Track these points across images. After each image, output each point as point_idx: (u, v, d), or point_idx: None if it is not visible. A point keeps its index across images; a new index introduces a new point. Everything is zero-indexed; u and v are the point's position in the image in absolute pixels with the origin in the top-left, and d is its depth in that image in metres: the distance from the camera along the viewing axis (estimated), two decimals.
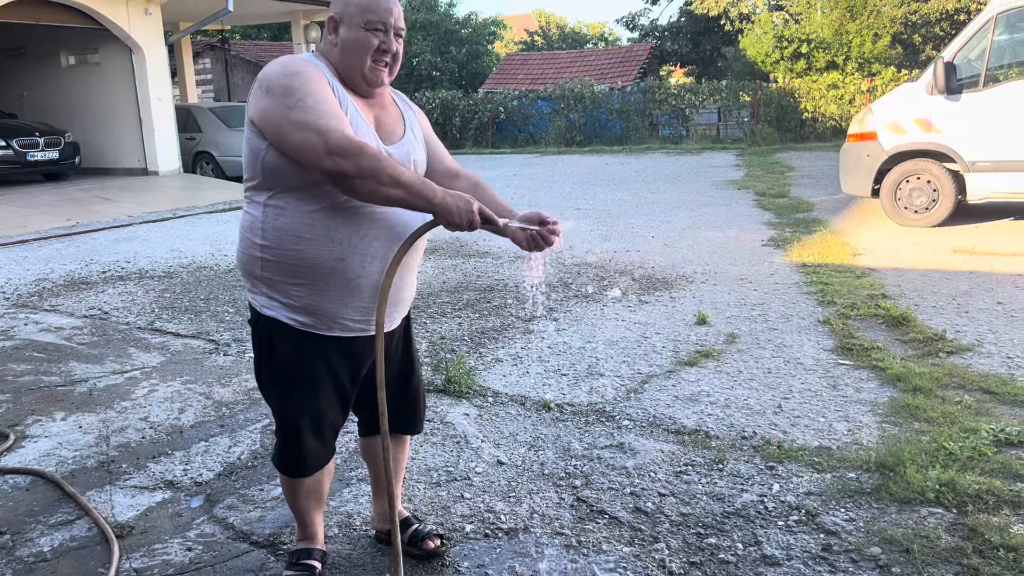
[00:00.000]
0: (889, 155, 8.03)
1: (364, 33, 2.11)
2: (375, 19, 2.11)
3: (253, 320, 2.28)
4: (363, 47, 2.12)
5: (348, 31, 2.13)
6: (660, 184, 12.62)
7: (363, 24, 2.11)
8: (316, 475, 2.39)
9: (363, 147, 1.93)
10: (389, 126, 2.21)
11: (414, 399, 2.54)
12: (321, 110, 1.96)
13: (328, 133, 1.92)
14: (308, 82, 2.01)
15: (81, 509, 2.97)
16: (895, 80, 17.82)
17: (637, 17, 32.43)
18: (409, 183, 1.95)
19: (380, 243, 2.13)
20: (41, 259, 8.11)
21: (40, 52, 15.75)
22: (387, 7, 2.13)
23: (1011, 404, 3.63)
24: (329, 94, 2.04)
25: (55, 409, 4.03)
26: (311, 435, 2.29)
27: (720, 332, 4.92)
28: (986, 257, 6.62)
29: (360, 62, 2.13)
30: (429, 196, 1.97)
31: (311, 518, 2.49)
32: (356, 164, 1.91)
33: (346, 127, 1.97)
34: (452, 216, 1.98)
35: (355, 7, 2.13)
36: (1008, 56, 7.88)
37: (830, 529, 2.67)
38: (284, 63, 2.08)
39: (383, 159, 1.94)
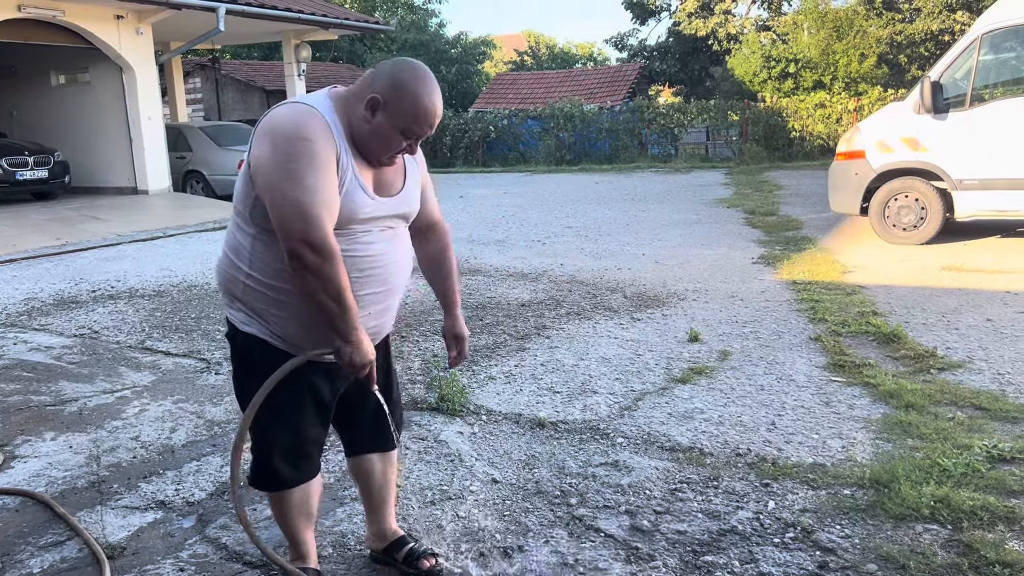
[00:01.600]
0: (877, 173, 8.09)
1: (399, 135, 2.08)
2: (416, 130, 2.09)
3: (231, 335, 2.28)
4: (393, 144, 2.10)
5: (386, 123, 2.06)
6: (650, 202, 12.68)
7: (402, 129, 2.07)
8: (303, 491, 2.37)
9: (335, 255, 1.97)
10: (388, 179, 2.20)
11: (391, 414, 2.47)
12: (317, 195, 1.95)
13: (313, 225, 1.93)
14: (314, 156, 1.97)
15: (72, 530, 2.94)
16: (882, 100, 17.98)
17: (626, 37, 32.67)
18: (347, 307, 2.01)
19: (367, 290, 2.16)
20: (30, 278, 8.06)
21: (30, 71, 15.72)
22: (432, 123, 2.10)
23: (1003, 420, 3.64)
24: (331, 169, 2.00)
25: (45, 429, 3.99)
26: (291, 450, 2.29)
27: (712, 349, 4.93)
28: (974, 274, 6.67)
29: (382, 152, 2.11)
30: (352, 328, 2.04)
31: (302, 536, 2.48)
32: (319, 265, 1.95)
33: (330, 222, 1.97)
34: (355, 357, 2.07)
35: (404, 111, 2.06)
36: (993, 76, 7.98)
37: (826, 546, 2.67)
38: (297, 119, 2.02)
39: (340, 274, 1.97)
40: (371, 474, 2.55)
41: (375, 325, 2.24)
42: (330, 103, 2.10)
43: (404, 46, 29.22)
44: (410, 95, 2.04)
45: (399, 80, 2.05)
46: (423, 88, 2.06)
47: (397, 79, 2.06)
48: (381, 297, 2.22)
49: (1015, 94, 7.75)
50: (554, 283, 6.99)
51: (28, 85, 16.02)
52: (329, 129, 2.03)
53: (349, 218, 2.07)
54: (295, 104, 2.08)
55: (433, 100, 2.08)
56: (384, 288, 2.21)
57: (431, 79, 2.10)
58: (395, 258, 2.22)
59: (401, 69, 2.08)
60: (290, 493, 2.36)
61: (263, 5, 15.21)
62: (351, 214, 2.07)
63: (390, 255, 2.20)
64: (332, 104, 2.10)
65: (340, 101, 2.11)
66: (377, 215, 2.15)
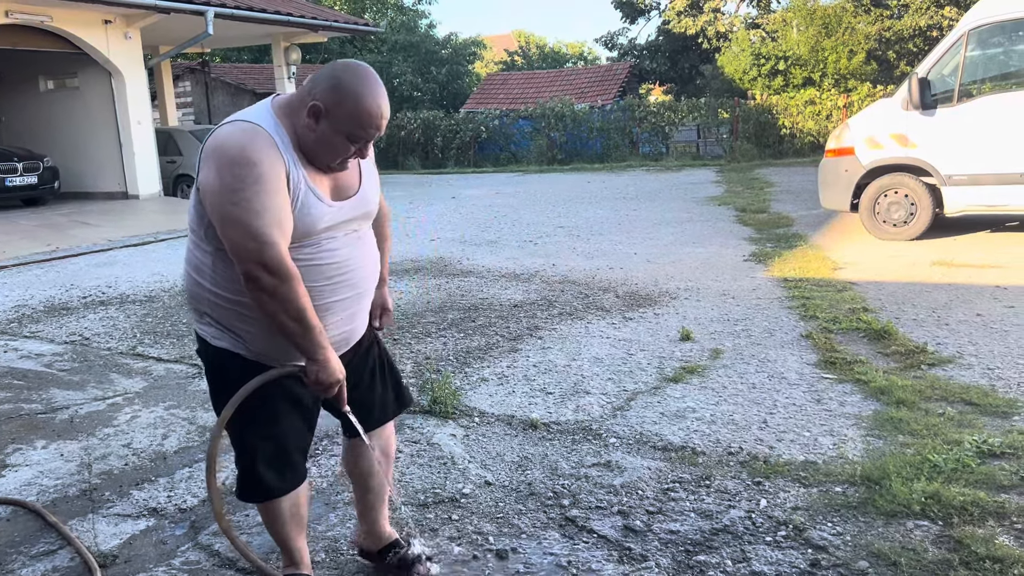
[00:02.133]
0: (867, 170, 8.12)
1: (345, 141, 2.02)
2: (361, 134, 2.02)
3: (202, 350, 2.25)
4: (340, 150, 2.04)
5: (330, 130, 2.01)
6: (641, 201, 12.70)
7: (347, 134, 2.01)
8: (292, 499, 2.35)
9: (291, 275, 1.95)
10: (346, 182, 2.16)
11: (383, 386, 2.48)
12: (266, 217, 1.92)
13: (266, 246, 1.92)
14: (260, 178, 1.92)
15: (63, 539, 2.93)
16: (871, 96, 18.04)
17: (616, 36, 32.66)
18: (309, 326, 2.00)
19: (335, 296, 2.14)
20: (20, 285, 8.03)
21: (18, 77, 15.66)
22: (378, 124, 2.02)
23: (993, 415, 3.66)
24: (280, 188, 1.96)
25: (36, 437, 3.98)
26: (275, 460, 2.26)
27: (704, 348, 4.94)
28: (964, 269, 6.70)
29: (331, 159, 2.06)
30: (317, 347, 2.03)
31: (294, 544, 2.46)
32: (275, 286, 1.94)
33: (284, 242, 1.94)
34: (322, 376, 2.07)
35: (347, 116, 1.99)
36: (981, 71, 8.01)
37: (818, 544, 2.68)
38: (241, 139, 1.97)
39: (299, 295, 1.96)
40: (371, 473, 2.50)
41: (347, 330, 2.23)
42: (273, 115, 2.05)
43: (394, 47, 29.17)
44: (351, 99, 1.98)
45: (339, 84, 1.99)
46: (365, 90, 2.00)
47: (337, 83, 1.99)
48: (351, 302, 2.20)
49: (1002, 89, 7.79)
50: (546, 283, 6.99)
51: (16, 91, 15.96)
52: (274, 145, 1.99)
53: (309, 230, 2.05)
54: (238, 123, 2.02)
55: (378, 102, 2.01)
56: (353, 293, 2.19)
57: (373, 79, 2.03)
58: (362, 261, 2.20)
59: (341, 72, 2.01)
60: (278, 502, 2.34)
61: (252, 8, 15.18)
62: (311, 226, 2.05)
63: (356, 259, 2.18)
64: (276, 115, 2.05)
65: (284, 110, 2.06)
66: (338, 220, 2.12)
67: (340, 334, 2.20)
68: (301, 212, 2.02)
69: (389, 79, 27.91)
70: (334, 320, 2.15)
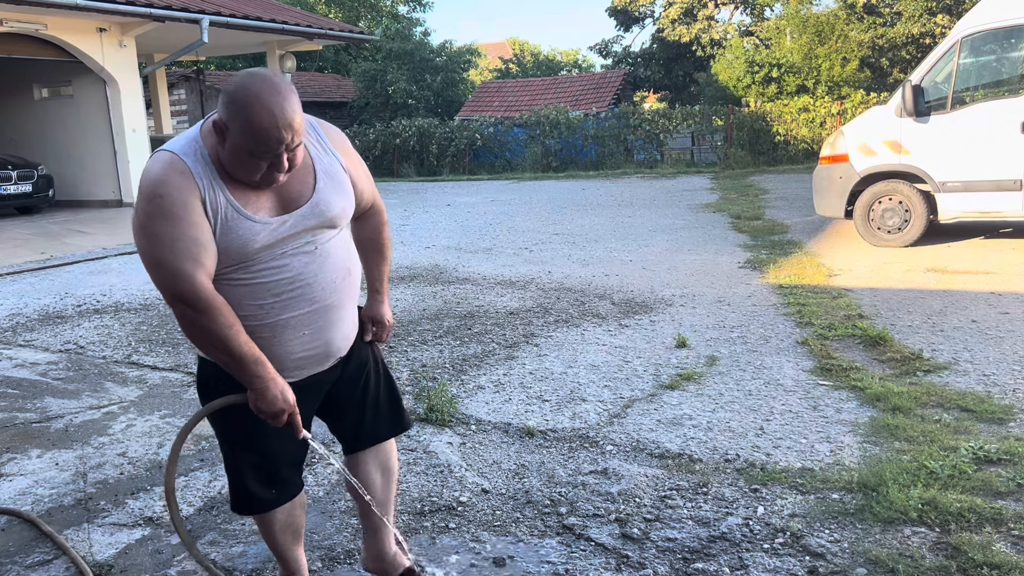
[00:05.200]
0: (861, 177, 8.15)
1: (250, 157, 1.89)
2: (263, 150, 1.87)
3: (198, 364, 2.24)
4: (251, 168, 1.92)
5: (234, 148, 1.90)
6: (636, 208, 12.71)
7: (248, 150, 1.88)
8: (286, 510, 2.33)
9: (210, 306, 1.90)
10: (291, 191, 2.03)
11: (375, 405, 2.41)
12: (176, 248, 1.88)
13: (178, 279, 1.89)
14: (167, 212, 1.88)
15: (59, 548, 2.91)
16: (865, 103, 18.10)
17: (610, 44, 32.79)
18: (237, 356, 1.95)
19: (290, 312, 2.06)
20: (14, 293, 8.00)
21: (13, 85, 15.65)
22: (277, 137, 1.85)
23: (989, 421, 3.67)
24: (192, 218, 1.89)
25: (30, 446, 3.96)
26: (264, 475, 2.24)
27: (700, 355, 4.94)
28: (959, 276, 6.72)
29: (248, 176, 1.94)
30: (251, 376, 1.98)
31: (290, 554, 2.44)
32: (194, 318, 1.92)
33: (199, 271, 1.89)
34: (261, 404, 2.02)
35: (240, 131, 1.86)
36: (974, 79, 8.05)
37: (816, 551, 2.68)
38: (150, 174, 1.92)
39: (221, 325, 1.92)
40: (370, 483, 2.44)
41: (318, 344, 2.14)
42: (198, 137, 1.98)
43: (389, 55, 29.17)
44: (242, 113, 1.84)
45: (232, 98, 1.87)
46: (254, 101, 1.84)
47: (231, 97, 1.87)
48: (313, 316, 2.09)
49: (995, 96, 7.83)
50: (542, 290, 6.99)
51: (11, 99, 15.94)
52: (188, 173, 1.91)
53: (243, 250, 1.96)
54: (157, 154, 1.97)
55: (270, 111, 1.84)
56: (313, 307, 2.08)
57: (268, 87, 1.86)
58: (319, 274, 2.08)
59: (235, 85, 1.89)
60: (272, 515, 2.31)
61: (247, 16, 15.19)
62: (243, 247, 1.96)
63: (311, 272, 2.06)
64: (201, 136, 1.98)
65: (207, 132, 1.97)
66: (281, 236, 2.01)
67: (310, 349, 2.13)
68: (226, 235, 1.94)
69: (384, 87, 27.93)
70: (297, 336, 2.08)
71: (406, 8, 35.64)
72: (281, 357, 2.09)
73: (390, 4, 35.31)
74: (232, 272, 1.99)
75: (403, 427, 2.51)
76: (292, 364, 2.12)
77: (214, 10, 14.51)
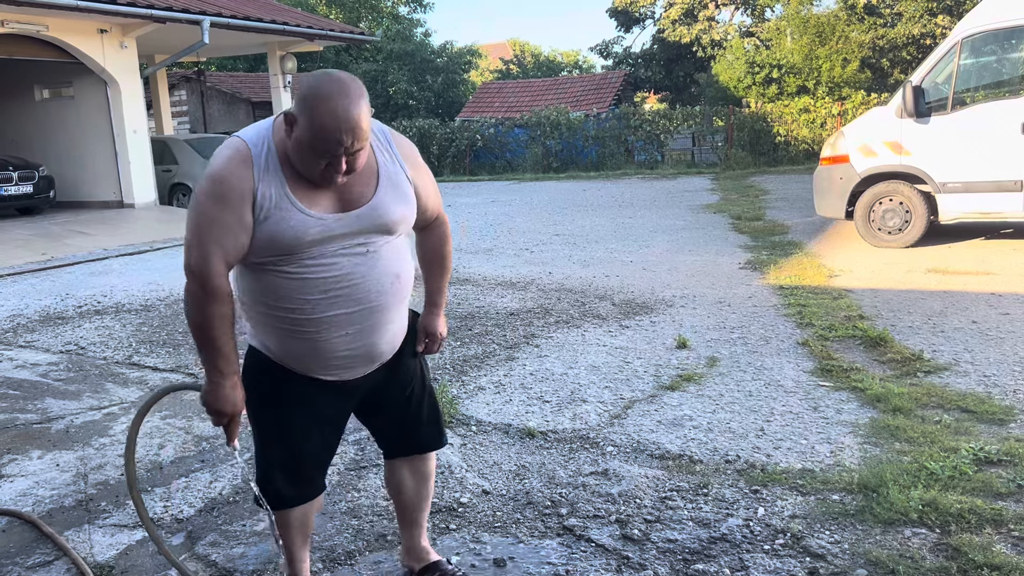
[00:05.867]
0: (862, 177, 8.15)
1: (312, 154, 1.94)
2: (323, 148, 1.92)
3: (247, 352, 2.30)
4: (312, 164, 1.97)
5: (297, 142, 1.96)
6: (637, 209, 12.72)
7: (310, 146, 1.93)
8: (304, 509, 2.36)
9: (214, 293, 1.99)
10: (352, 192, 2.06)
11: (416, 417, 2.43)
12: (209, 230, 1.98)
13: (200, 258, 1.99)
14: (216, 195, 1.98)
15: (59, 550, 2.91)
16: (865, 104, 18.10)
17: (610, 45, 32.82)
18: (208, 344, 2.04)
19: (335, 311, 2.09)
20: (15, 294, 8.01)
21: (14, 86, 15.64)
22: (337, 139, 1.90)
23: (989, 422, 3.67)
24: (236, 206, 1.96)
25: (31, 447, 3.96)
26: (289, 470, 2.28)
27: (701, 356, 4.94)
28: (959, 276, 6.72)
29: (308, 171, 1.99)
30: (212, 368, 2.07)
31: (298, 554, 2.46)
32: (193, 293, 2.02)
33: (218, 255, 1.98)
34: (208, 399, 2.10)
35: (306, 127, 1.92)
36: (974, 79, 8.06)
37: (816, 552, 2.68)
38: (217, 157, 2.02)
39: (210, 313, 2.01)
40: (402, 488, 2.52)
41: (362, 345, 2.16)
42: (271, 128, 2.05)
43: (389, 56, 29.23)
44: (310, 109, 1.91)
45: (305, 94, 1.93)
46: (324, 101, 1.90)
47: (303, 93, 1.94)
48: (359, 317, 2.11)
49: (996, 97, 7.84)
50: (542, 291, 7.00)
51: (12, 100, 15.94)
52: (248, 163, 1.98)
53: (294, 242, 2.00)
54: (231, 139, 2.06)
55: (335, 114, 1.89)
56: (358, 308, 2.10)
57: (338, 89, 1.92)
58: (368, 276, 2.10)
59: (310, 81, 1.95)
60: (289, 512, 2.34)
61: (248, 17, 15.20)
62: (294, 238, 2.00)
63: (360, 274, 2.09)
64: (274, 128, 2.04)
65: (280, 124, 2.04)
66: (334, 233, 2.03)
67: (353, 349, 2.15)
68: (276, 224, 1.98)
69: (384, 88, 27.96)
70: (340, 335, 2.11)
71: (407, 9, 35.67)
72: (324, 354, 2.13)
73: (391, 5, 35.33)
74: (283, 263, 2.04)
75: (440, 444, 2.55)
76: (335, 363, 2.16)
77: (215, 11, 14.51)
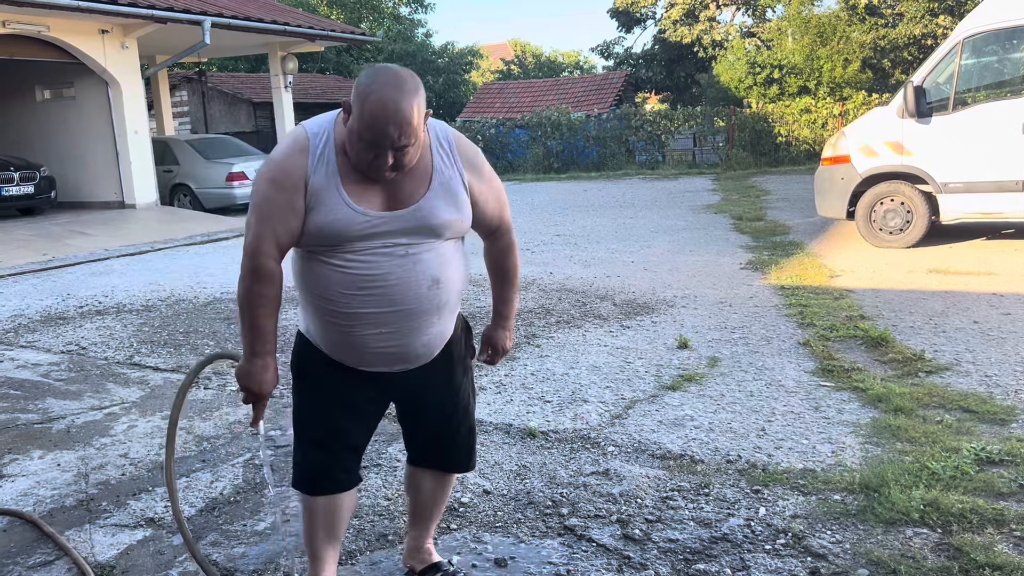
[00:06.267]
0: (863, 178, 8.14)
1: (360, 143, 1.96)
2: (370, 139, 1.94)
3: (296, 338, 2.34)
4: (362, 155, 1.99)
5: (350, 131, 1.99)
6: (638, 209, 12.71)
7: (359, 134, 1.95)
8: (328, 503, 2.33)
9: (264, 274, 2.07)
10: (403, 191, 2.06)
11: (451, 438, 2.42)
12: (264, 211, 2.05)
13: (251, 234, 2.07)
14: (272, 180, 2.05)
15: (60, 549, 2.91)
16: (866, 104, 18.10)
17: (611, 45, 32.81)
18: (249, 323, 2.13)
19: (368, 308, 2.09)
20: (16, 295, 8.01)
21: (15, 87, 15.64)
22: (384, 131, 1.91)
23: (991, 422, 3.66)
24: (288, 193, 2.02)
25: (32, 447, 3.96)
26: (318, 447, 2.28)
27: (702, 356, 4.94)
28: (961, 277, 6.71)
29: (359, 163, 2.01)
30: (248, 347, 2.15)
31: (319, 552, 2.41)
32: (247, 271, 2.09)
33: (269, 238, 2.04)
34: (239, 375, 2.18)
35: (357, 116, 1.94)
36: (975, 79, 8.05)
37: (817, 552, 2.67)
38: (283, 142, 2.11)
39: (257, 292, 2.09)
40: (420, 489, 2.53)
41: (396, 346, 2.14)
42: (332, 119, 2.09)
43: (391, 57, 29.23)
44: (361, 102, 1.93)
45: (359, 85, 1.96)
46: (374, 94, 1.91)
47: (359, 84, 1.96)
48: (393, 318, 2.10)
49: (997, 97, 7.83)
50: (543, 291, 6.99)
51: (13, 101, 15.95)
52: (304, 150, 2.04)
53: (339, 235, 2.03)
54: (298, 127, 2.12)
55: (384, 106, 1.90)
56: (393, 308, 2.09)
57: (392, 81, 1.94)
58: (405, 278, 2.07)
59: (366, 75, 1.98)
60: (314, 501, 2.33)
61: (249, 18, 15.20)
62: (340, 231, 2.02)
63: (396, 275, 2.06)
64: (335, 120, 2.09)
65: (341, 116, 2.07)
66: (377, 230, 2.04)
67: (386, 348, 2.14)
68: (325, 216, 2.01)
69: None
70: (372, 332, 2.10)
71: (408, 9, 35.68)
72: (356, 347, 2.16)
73: (392, 5, 35.35)
74: (328, 254, 2.07)
75: (468, 468, 2.55)
76: (367, 358, 2.17)
77: (216, 11, 14.51)
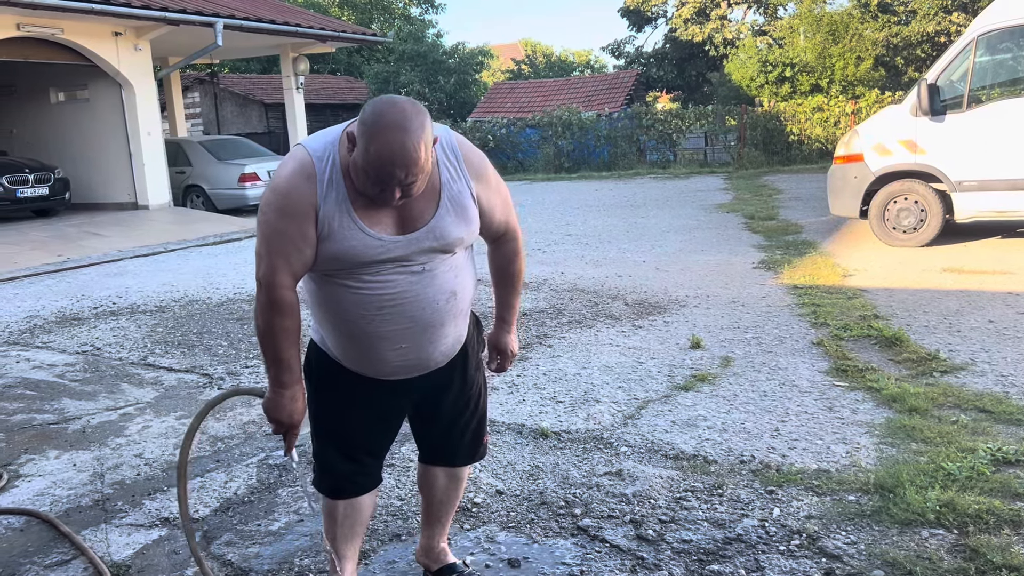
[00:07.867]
0: (876, 176, 8.10)
1: (367, 179, 1.90)
2: (376, 177, 1.88)
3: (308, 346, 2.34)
4: (368, 189, 1.93)
5: (355, 163, 1.92)
6: (649, 209, 12.69)
7: (364, 173, 1.90)
8: (349, 504, 2.35)
9: (279, 304, 2.02)
10: (413, 212, 2.03)
11: (461, 433, 2.44)
12: (276, 243, 2.00)
13: (267, 270, 2.02)
14: (280, 208, 1.98)
15: (76, 549, 2.93)
16: (879, 102, 17.98)
17: (622, 44, 32.75)
18: (272, 355, 2.09)
19: (389, 326, 2.10)
20: (32, 296, 8.07)
21: (30, 89, 15.77)
22: (390, 172, 1.86)
23: (1007, 423, 3.64)
24: (298, 221, 1.96)
25: (48, 447, 3.99)
26: (341, 456, 2.30)
27: (715, 356, 4.92)
28: (975, 276, 6.67)
29: (366, 190, 1.95)
30: (273, 379, 2.13)
31: (340, 550, 2.43)
32: (262, 304, 2.05)
33: (284, 269, 2.00)
34: (267, 407, 2.16)
35: (362, 153, 1.88)
36: (990, 77, 7.99)
37: (832, 553, 2.66)
38: (283, 168, 2.02)
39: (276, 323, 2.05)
40: (432, 486, 2.53)
41: (415, 358, 2.17)
42: (336, 142, 2.01)
43: (401, 57, 29.24)
44: (367, 139, 1.87)
45: (365, 119, 1.89)
46: (379, 134, 1.85)
47: (364, 118, 1.89)
48: (412, 333, 2.12)
49: (1012, 95, 7.77)
50: (555, 291, 6.99)
51: (28, 103, 16.07)
52: (313, 179, 1.97)
53: (355, 260, 2.01)
54: (297, 149, 2.04)
55: (390, 148, 1.84)
56: (412, 324, 2.10)
57: (397, 122, 1.85)
58: (423, 294, 2.09)
59: (372, 109, 1.90)
60: (336, 504, 2.36)
61: (260, 19, 15.26)
62: (355, 256, 2.00)
63: (414, 292, 2.08)
64: (338, 142, 2.01)
65: (345, 139, 1.98)
66: (392, 255, 2.02)
67: (405, 361, 2.16)
68: (340, 242, 1.98)
69: (397, 89, 27.97)
70: (393, 348, 2.12)
71: (418, 10, 35.72)
72: (376, 363, 2.17)
73: (402, 6, 35.41)
74: (344, 277, 2.05)
75: (477, 458, 2.57)
76: (386, 370, 2.19)
77: (228, 13, 14.57)
